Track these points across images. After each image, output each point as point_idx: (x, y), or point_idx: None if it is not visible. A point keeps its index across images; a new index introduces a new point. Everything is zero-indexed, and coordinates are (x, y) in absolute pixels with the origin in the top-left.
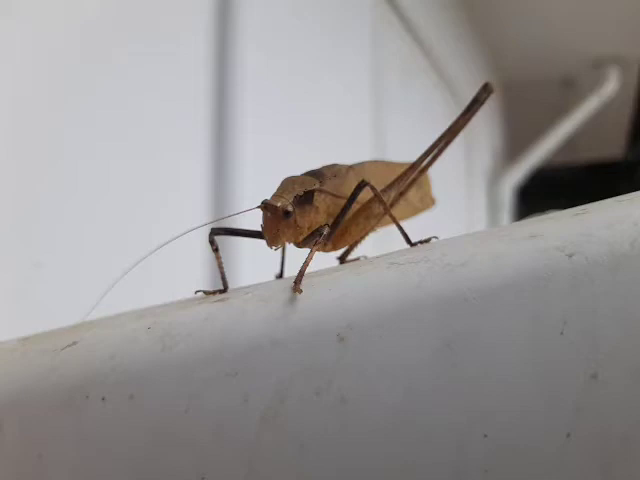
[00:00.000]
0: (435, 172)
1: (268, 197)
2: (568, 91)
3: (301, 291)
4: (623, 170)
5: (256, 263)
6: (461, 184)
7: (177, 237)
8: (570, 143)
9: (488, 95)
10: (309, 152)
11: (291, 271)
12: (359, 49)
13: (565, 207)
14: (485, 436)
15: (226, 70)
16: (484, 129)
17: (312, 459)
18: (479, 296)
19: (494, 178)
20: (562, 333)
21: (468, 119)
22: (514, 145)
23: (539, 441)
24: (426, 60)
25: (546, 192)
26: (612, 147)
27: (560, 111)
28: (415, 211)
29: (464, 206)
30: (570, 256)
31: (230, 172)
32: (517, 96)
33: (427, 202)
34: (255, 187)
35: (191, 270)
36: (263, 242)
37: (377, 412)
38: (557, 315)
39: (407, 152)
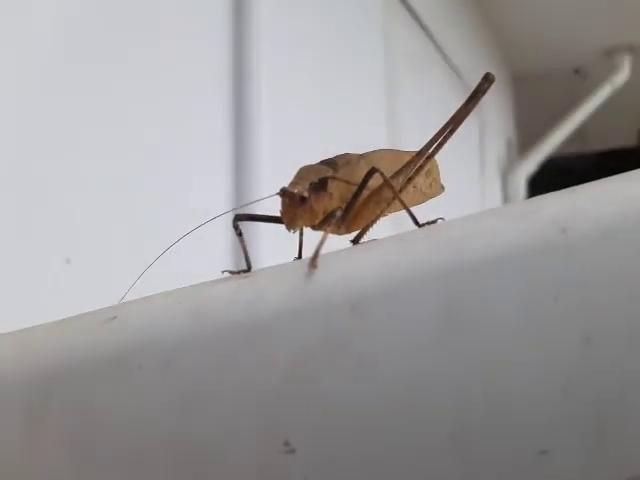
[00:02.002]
0: (449, 164)
1: (286, 185)
2: (580, 80)
3: (317, 267)
4: (636, 157)
5: (276, 251)
6: (475, 176)
7: (202, 225)
8: (582, 132)
9: (490, 84)
10: (325, 143)
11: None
12: (371, 44)
13: None
14: (485, 394)
15: (242, 64)
16: (497, 121)
17: (332, 413)
18: (480, 266)
19: (508, 169)
20: (556, 299)
21: (471, 108)
22: (527, 136)
23: (535, 399)
24: (437, 54)
25: (558, 181)
26: (625, 135)
27: (572, 100)
28: (424, 197)
29: (478, 197)
30: (563, 230)
31: (248, 162)
32: (529, 87)
33: (436, 189)
34: (273, 176)
35: (214, 257)
36: (283, 228)
37: (387, 374)
38: (551, 283)
39: (421, 142)
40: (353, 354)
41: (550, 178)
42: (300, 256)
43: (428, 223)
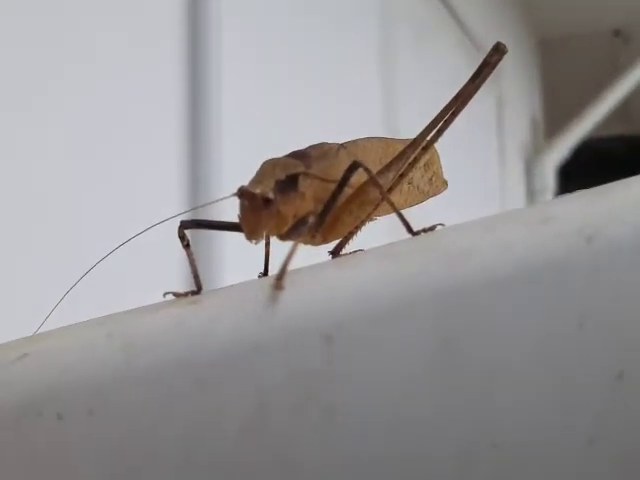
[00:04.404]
0: (459, 152)
1: (246, 184)
2: (621, 45)
3: (283, 288)
4: None
5: (242, 261)
6: (493, 165)
7: (137, 235)
8: (625, 108)
9: (501, 57)
10: (304, 130)
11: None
12: (364, 5)
13: None
14: (494, 446)
15: (200, 31)
16: (519, 96)
17: (297, 475)
18: (484, 289)
19: (534, 156)
20: (581, 327)
21: (478, 86)
22: (557, 114)
23: (557, 450)
24: (448, 17)
25: (595, 170)
26: None
27: (612, 69)
28: (423, 196)
29: (498, 190)
30: (589, 240)
31: (206, 156)
32: (559, 55)
33: (437, 185)
34: (237, 172)
35: (165, 271)
36: (242, 235)
37: (369, 421)
38: (574, 307)
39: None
40: (327, 399)
41: (585, 166)
42: (266, 272)
43: (424, 230)
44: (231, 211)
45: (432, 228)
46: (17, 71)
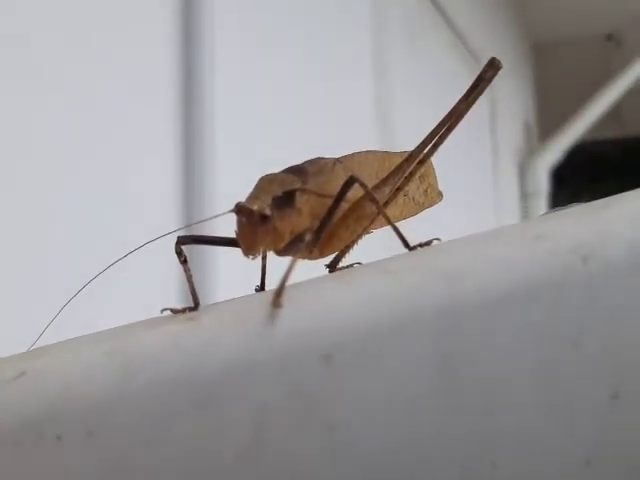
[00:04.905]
0: (452, 155)
1: (242, 199)
2: (613, 49)
3: (282, 306)
4: None
5: (235, 275)
6: (486, 168)
7: (134, 251)
8: (617, 111)
9: (496, 72)
10: (297, 140)
11: (274, 283)
12: (357, 6)
13: (613, 190)
14: (493, 465)
15: (194, 36)
16: (513, 100)
17: None
18: (481, 308)
19: (527, 159)
20: (577, 347)
21: (473, 101)
22: (550, 117)
23: (555, 469)
24: (439, 18)
25: (588, 173)
26: None
27: (604, 75)
28: (419, 207)
29: (492, 193)
30: (584, 259)
31: (200, 168)
32: (552, 58)
33: (432, 196)
34: (230, 186)
35: (159, 287)
36: (239, 251)
37: (369, 441)
38: (570, 327)
39: (417, 133)
40: (326, 418)
41: (579, 169)
42: (263, 286)
43: (421, 245)
44: (226, 227)
45: (428, 243)
46: (17, 71)
